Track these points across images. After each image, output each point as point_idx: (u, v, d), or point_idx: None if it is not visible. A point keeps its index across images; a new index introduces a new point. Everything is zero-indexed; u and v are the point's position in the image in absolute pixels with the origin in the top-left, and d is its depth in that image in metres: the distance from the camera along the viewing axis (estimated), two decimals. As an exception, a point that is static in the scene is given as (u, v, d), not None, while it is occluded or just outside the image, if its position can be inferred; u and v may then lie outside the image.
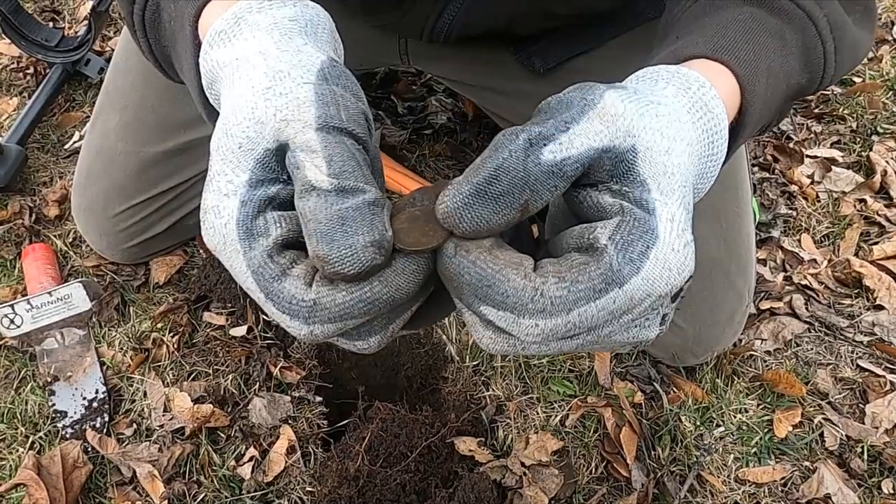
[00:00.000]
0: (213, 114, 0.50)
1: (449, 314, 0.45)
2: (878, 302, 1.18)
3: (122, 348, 1.09)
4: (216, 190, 0.39)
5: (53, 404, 1.02)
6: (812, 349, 1.13)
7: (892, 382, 1.08)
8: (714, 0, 0.54)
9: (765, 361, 1.11)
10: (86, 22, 1.49)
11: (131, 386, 1.05)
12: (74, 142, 1.41)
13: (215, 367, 1.07)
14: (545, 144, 0.36)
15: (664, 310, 0.40)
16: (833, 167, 1.40)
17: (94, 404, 1.02)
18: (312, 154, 0.38)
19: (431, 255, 0.38)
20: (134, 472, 0.94)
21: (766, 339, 1.14)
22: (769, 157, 1.45)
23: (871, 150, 1.43)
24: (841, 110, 1.53)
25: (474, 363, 1.09)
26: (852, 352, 1.13)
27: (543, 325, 0.36)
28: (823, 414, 1.05)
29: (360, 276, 0.36)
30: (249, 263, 0.38)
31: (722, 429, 1.03)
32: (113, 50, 1.58)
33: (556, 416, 1.03)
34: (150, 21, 0.55)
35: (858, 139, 1.47)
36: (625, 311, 0.37)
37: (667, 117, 0.41)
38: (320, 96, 0.40)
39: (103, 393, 1.03)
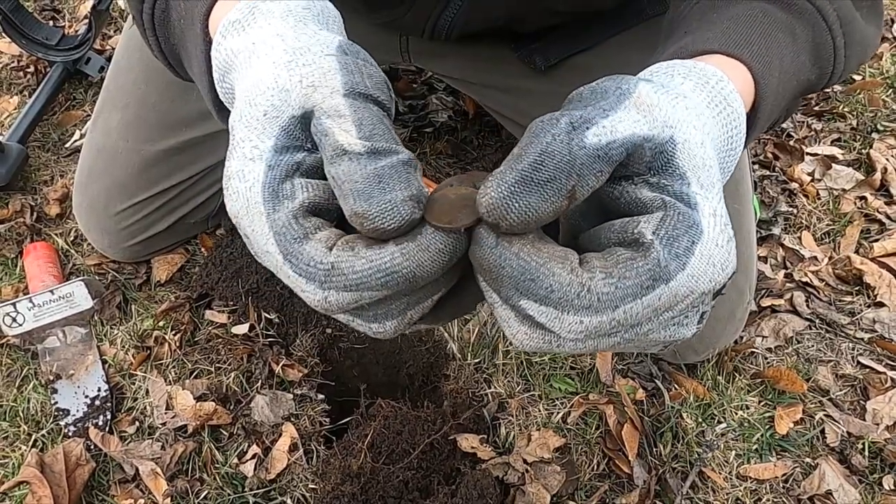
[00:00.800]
0: (225, 111, 0.50)
1: (472, 310, 0.44)
2: (878, 299, 1.18)
3: (123, 346, 1.09)
4: (241, 156, 0.39)
5: (56, 402, 1.02)
6: (813, 346, 1.14)
7: (892, 379, 1.08)
8: None
9: (766, 358, 1.11)
10: (86, 20, 1.49)
11: (133, 384, 1.05)
12: (75, 140, 1.41)
13: (217, 364, 1.07)
14: (588, 128, 0.35)
15: (704, 307, 0.39)
16: (833, 165, 1.41)
17: (97, 402, 1.02)
18: (341, 119, 0.38)
19: (458, 239, 0.36)
20: (137, 469, 0.94)
21: (767, 337, 1.14)
22: (769, 155, 1.45)
23: (871, 147, 1.43)
24: (841, 108, 1.53)
25: (476, 360, 1.09)
26: (853, 349, 1.13)
27: (588, 321, 0.34)
28: (824, 410, 1.05)
29: (400, 231, 0.35)
30: (272, 225, 0.37)
31: (723, 425, 1.03)
32: (113, 48, 1.58)
33: (558, 413, 1.03)
34: (160, 20, 0.56)
35: (859, 137, 1.47)
36: (668, 308, 0.36)
37: (693, 110, 0.40)
38: (344, 65, 0.40)
39: (105, 391, 1.03)
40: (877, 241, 1.27)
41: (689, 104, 0.40)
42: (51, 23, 1.64)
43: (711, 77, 0.43)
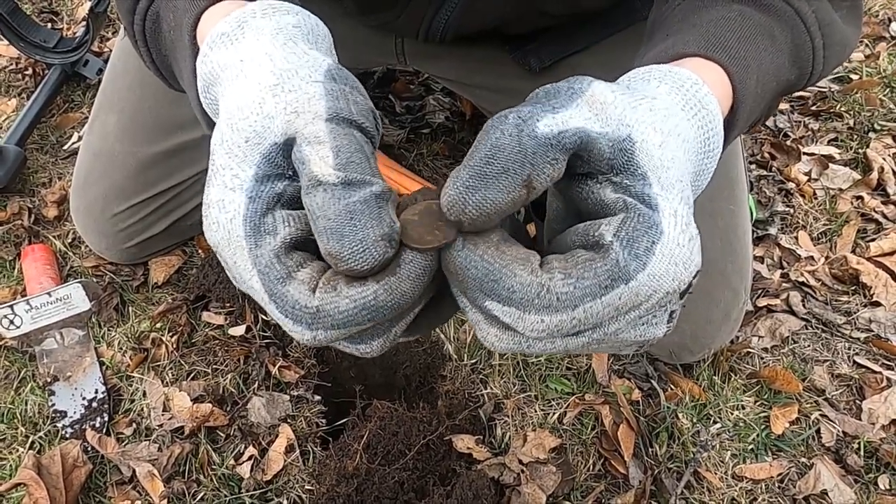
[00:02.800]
0: (212, 123, 0.50)
1: (447, 321, 0.44)
2: (874, 299, 1.18)
3: (121, 348, 1.09)
4: (220, 184, 0.39)
5: (53, 404, 1.02)
6: (809, 346, 1.14)
7: (888, 379, 1.08)
8: None
9: (762, 358, 1.11)
10: (84, 23, 1.49)
11: (131, 386, 1.05)
12: (73, 142, 1.41)
13: (214, 366, 1.07)
14: (538, 120, 0.36)
15: (672, 307, 0.39)
16: (830, 164, 1.41)
17: (94, 404, 1.02)
18: (319, 146, 0.38)
19: (434, 259, 0.37)
20: (133, 471, 0.95)
21: (763, 336, 1.14)
22: (766, 155, 1.45)
23: (868, 147, 1.43)
24: (838, 107, 1.53)
25: (472, 361, 1.10)
26: (849, 348, 1.13)
27: (549, 321, 0.35)
28: (820, 410, 1.05)
29: (373, 272, 0.36)
30: (256, 262, 0.37)
31: (719, 425, 1.03)
32: (111, 51, 1.58)
33: (554, 413, 1.03)
34: (151, 31, 0.56)
35: (855, 136, 1.47)
36: (631, 308, 0.36)
37: (662, 111, 0.41)
38: (330, 91, 0.40)
39: (103, 393, 1.03)
40: (873, 240, 1.27)
41: (654, 105, 0.41)
42: (49, 25, 1.65)
43: (686, 80, 0.44)
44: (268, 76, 0.41)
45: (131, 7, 0.56)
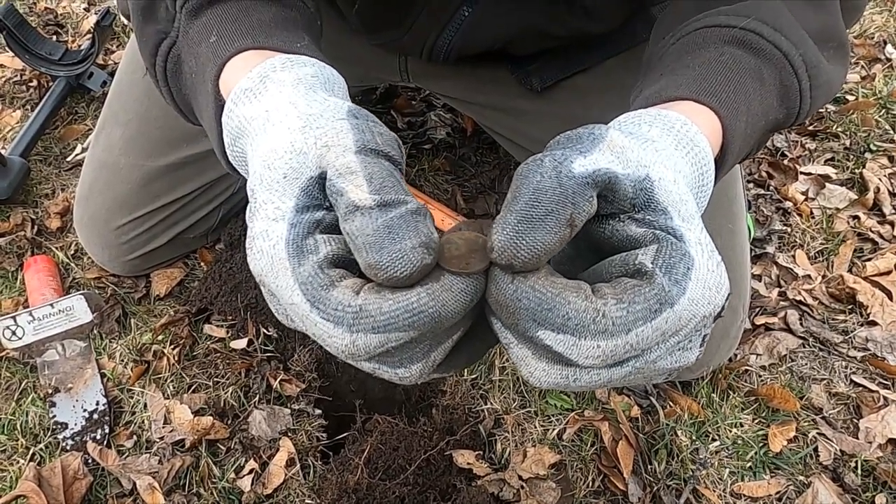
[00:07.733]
0: (233, 168, 0.52)
1: (482, 357, 0.46)
2: (871, 318, 1.19)
3: (122, 360, 1.09)
4: (264, 217, 0.40)
5: (54, 416, 1.02)
6: (806, 364, 1.15)
7: (885, 398, 1.09)
8: (696, 39, 0.56)
9: (760, 376, 1.12)
10: (89, 36, 1.51)
11: (132, 398, 1.05)
12: (77, 154, 1.42)
13: (215, 379, 1.08)
14: (572, 162, 0.38)
15: (705, 330, 0.41)
16: (827, 184, 1.42)
17: (95, 416, 1.02)
18: (352, 175, 0.39)
19: (479, 279, 0.38)
20: (134, 484, 0.95)
21: (760, 354, 1.15)
22: (764, 174, 1.47)
23: (864, 167, 1.45)
24: (834, 128, 1.55)
25: (472, 376, 1.10)
26: (846, 367, 1.14)
27: (605, 346, 0.36)
28: (818, 429, 1.06)
29: (412, 278, 0.37)
30: (298, 277, 0.38)
31: (717, 443, 1.04)
32: (116, 63, 1.59)
33: (554, 429, 1.04)
34: (172, 71, 0.58)
35: (852, 156, 1.49)
36: (674, 333, 0.38)
37: (663, 152, 0.43)
38: (355, 125, 0.42)
39: (104, 405, 1.03)
40: (869, 260, 1.28)
41: (657, 147, 0.43)
42: (54, 38, 1.66)
43: (675, 122, 0.46)
44: (294, 120, 0.43)
45: (153, 50, 0.58)
